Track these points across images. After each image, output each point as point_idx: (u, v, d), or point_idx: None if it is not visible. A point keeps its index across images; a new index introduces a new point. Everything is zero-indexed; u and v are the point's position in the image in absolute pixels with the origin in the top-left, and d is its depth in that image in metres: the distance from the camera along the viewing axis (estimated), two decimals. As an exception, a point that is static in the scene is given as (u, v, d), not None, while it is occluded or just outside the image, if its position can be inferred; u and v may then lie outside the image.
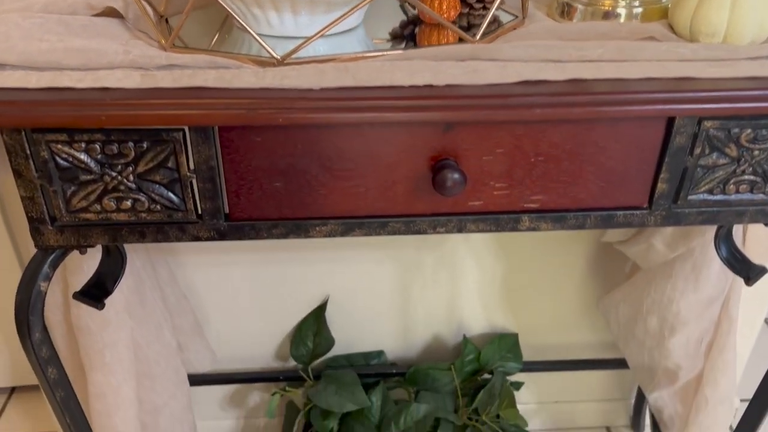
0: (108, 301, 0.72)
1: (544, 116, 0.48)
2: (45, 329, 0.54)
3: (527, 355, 1.09)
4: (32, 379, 1.26)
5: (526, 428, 0.99)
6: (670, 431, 0.94)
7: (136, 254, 0.76)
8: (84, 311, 0.72)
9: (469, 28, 0.61)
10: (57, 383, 0.57)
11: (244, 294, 1.02)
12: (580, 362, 1.09)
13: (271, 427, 1.15)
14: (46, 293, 0.53)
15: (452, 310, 1.07)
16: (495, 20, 0.61)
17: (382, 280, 1.03)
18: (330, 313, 1.04)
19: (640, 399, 1.17)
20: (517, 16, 0.62)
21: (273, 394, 1.01)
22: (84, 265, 0.69)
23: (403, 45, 0.61)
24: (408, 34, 0.62)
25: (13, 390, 1.30)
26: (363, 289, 1.03)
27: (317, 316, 1.04)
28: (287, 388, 1.03)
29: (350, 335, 1.08)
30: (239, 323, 1.04)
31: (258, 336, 1.06)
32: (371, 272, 1.02)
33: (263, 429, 1.15)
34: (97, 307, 0.57)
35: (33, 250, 0.90)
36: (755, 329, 1.11)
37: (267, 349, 1.08)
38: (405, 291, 1.04)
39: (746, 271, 0.61)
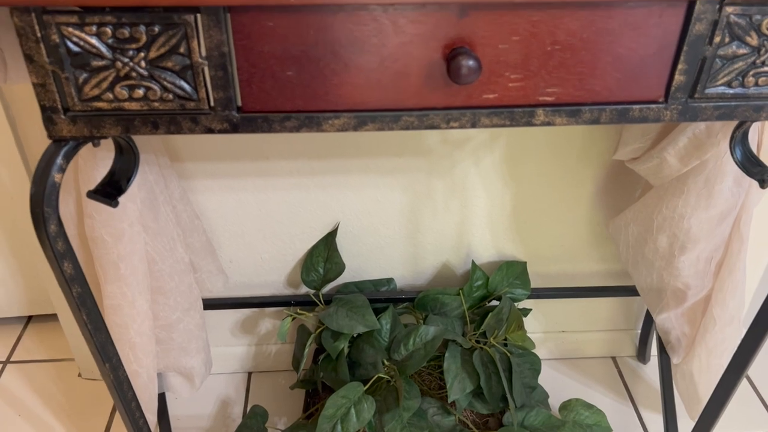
0: (122, 212, 0.73)
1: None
2: (60, 222, 0.55)
3: (535, 283, 1.10)
4: (48, 308, 1.28)
5: (533, 350, 1.00)
6: (677, 353, 0.95)
7: (148, 167, 0.76)
8: (98, 222, 0.73)
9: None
10: (73, 279, 0.57)
11: (255, 220, 1.02)
12: (588, 289, 1.10)
13: (282, 352, 1.17)
14: (60, 185, 0.53)
15: (461, 238, 1.07)
16: None
17: (392, 208, 1.03)
18: (340, 241, 1.05)
19: (647, 329, 1.18)
20: None
21: (285, 318, 1.03)
22: (96, 174, 0.69)
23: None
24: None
25: (29, 319, 1.33)
26: (373, 216, 1.04)
27: (328, 242, 1.04)
28: (299, 311, 1.04)
29: (360, 263, 1.09)
30: (251, 250, 1.05)
31: (269, 262, 1.07)
32: (382, 199, 1.02)
33: (274, 355, 1.18)
34: (111, 204, 0.58)
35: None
36: (762, 264, 1.11)
37: (278, 276, 1.09)
38: (415, 218, 1.05)
39: (761, 174, 0.61)
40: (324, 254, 1.05)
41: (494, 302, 1.06)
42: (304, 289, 1.10)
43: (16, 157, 0.95)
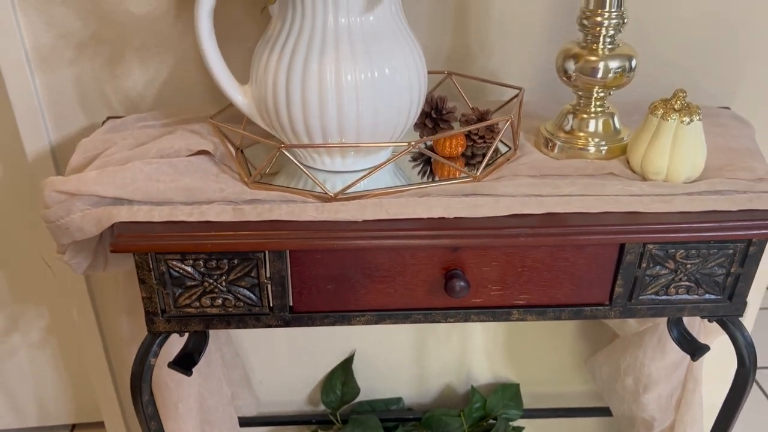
0: (182, 361, 0.90)
1: (527, 243, 0.66)
2: (151, 393, 0.72)
3: (527, 403, 1.25)
4: (92, 417, 1.43)
5: (525, 469, 1.14)
6: (650, 473, 1.09)
7: (204, 323, 0.94)
8: (164, 372, 0.89)
9: (473, 156, 0.79)
10: (156, 434, 0.74)
11: (283, 347, 1.19)
12: (574, 410, 1.24)
13: (302, 464, 1.31)
14: (154, 366, 0.71)
15: (462, 363, 1.24)
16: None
17: (401, 337, 1.20)
18: (356, 365, 1.21)
19: (629, 443, 1.32)
20: (510, 148, 0.80)
21: (307, 436, 1.18)
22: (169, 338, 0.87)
23: (421, 165, 0.79)
24: (426, 159, 0.80)
25: (73, 427, 1.47)
26: (385, 344, 1.20)
27: (345, 368, 1.20)
28: (319, 431, 1.19)
29: (373, 383, 1.24)
30: (278, 373, 1.21)
31: (294, 383, 1.23)
32: (392, 330, 1.19)
33: (295, 466, 1.32)
34: (186, 374, 0.75)
35: (108, 315, 1.08)
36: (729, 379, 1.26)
37: (301, 395, 1.24)
38: (421, 346, 1.21)
39: (692, 349, 0.77)
40: (341, 378, 1.21)
41: (492, 420, 1.21)
42: (323, 407, 1.25)
43: (85, 297, 1.13)
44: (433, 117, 0.80)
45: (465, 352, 1.22)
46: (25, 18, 0.87)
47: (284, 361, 1.20)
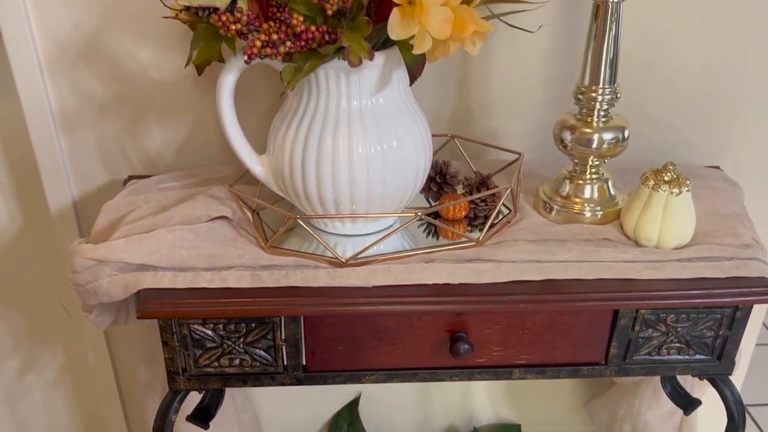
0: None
1: (526, 309, 0.70)
2: (171, 446, 0.76)
3: (529, 444, 1.29)
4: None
5: None
6: None
7: (218, 372, 0.98)
8: (180, 421, 0.93)
9: (476, 218, 0.84)
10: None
11: (290, 389, 1.22)
12: (573, 451, 1.28)
13: (309, 503, 1.34)
14: (174, 421, 0.75)
15: (465, 405, 1.27)
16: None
17: (405, 379, 1.23)
18: (361, 406, 1.25)
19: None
20: (510, 210, 0.84)
21: (313, 477, 1.21)
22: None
23: (426, 226, 0.83)
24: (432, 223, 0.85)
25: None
26: (390, 386, 1.24)
27: (351, 409, 1.24)
28: (326, 472, 1.23)
29: (378, 425, 1.28)
30: (285, 414, 1.25)
31: (300, 424, 1.26)
32: (397, 372, 1.22)
33: (302, 505, 1.34)
34: (204, 428, 0.79)
35: (123, 358, 1.12)
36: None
37: (308, 435, 1.28)
38: (425, 388, 1.25)
39: (685, 403, 0.81)
40: (348, 419, 1.24)
41: (493, 461, 1.24)
42: (329, 447, 1.28)
43: (101, 340, 1.17)
44: (438, 181, 0.85)
45: (468, 394, 1.26)
46: (53, 82, 0.92)
47: (292, 402, 1.24)
